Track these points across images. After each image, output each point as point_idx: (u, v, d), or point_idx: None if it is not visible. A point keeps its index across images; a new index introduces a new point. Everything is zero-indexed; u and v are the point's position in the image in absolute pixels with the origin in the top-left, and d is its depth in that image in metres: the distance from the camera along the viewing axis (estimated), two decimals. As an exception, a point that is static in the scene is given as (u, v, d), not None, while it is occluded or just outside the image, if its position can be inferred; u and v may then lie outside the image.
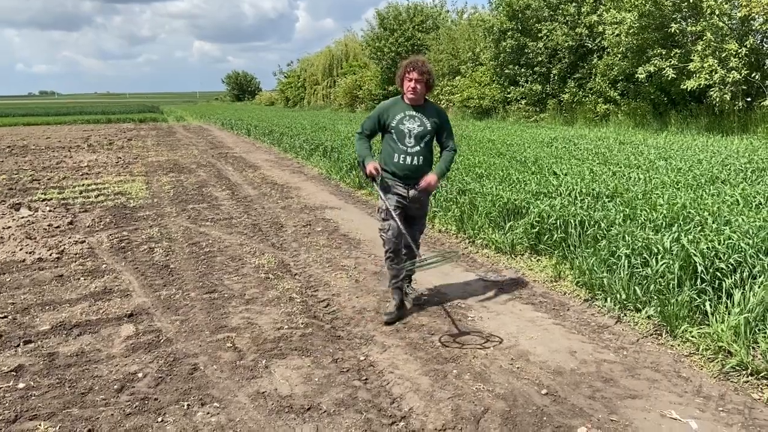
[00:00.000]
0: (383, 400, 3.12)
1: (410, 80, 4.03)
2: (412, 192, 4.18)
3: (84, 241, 6.46)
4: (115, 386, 3.27)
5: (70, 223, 7.38)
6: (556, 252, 5.31)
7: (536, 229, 5.59)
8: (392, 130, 4.12)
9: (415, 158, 4.12)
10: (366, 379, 3.36)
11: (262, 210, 8.23)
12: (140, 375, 3.41)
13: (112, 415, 2.98)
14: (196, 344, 3.82)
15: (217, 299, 4.66)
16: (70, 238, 6.61)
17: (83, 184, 10.57)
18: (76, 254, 5.96)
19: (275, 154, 16.23)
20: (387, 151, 4.19)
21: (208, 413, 2.99)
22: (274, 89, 68.37)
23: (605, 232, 4.93)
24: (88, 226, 7.23)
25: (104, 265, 5.58)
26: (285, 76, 60.24)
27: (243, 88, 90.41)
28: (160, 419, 2.94)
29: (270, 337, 3.91)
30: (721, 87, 13.27)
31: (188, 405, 3.06)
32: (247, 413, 2.99)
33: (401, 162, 4.12)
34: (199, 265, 5.55)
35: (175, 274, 5.31)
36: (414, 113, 4.12)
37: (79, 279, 5.18)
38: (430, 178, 4.16)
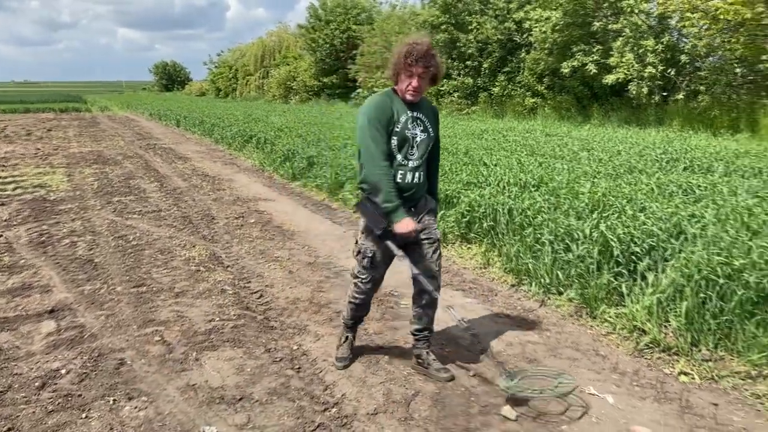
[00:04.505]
0: (316, 387, 3.15)
1: (411, 76, 2.95)
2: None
3: (0, 236, 6.12)
4: (36, 384, 3.14)
5: (-16, 217, 6.97)
6: (485, 240, 5.47)
7: (467, 218, 5.74)
8: (395, 137, 2.99)
9: (416, 174, 3.09)
10: (299, 367, 3.37)
11: (193, 202, 8.04)
12: (63, 372, 3.29)
13: (33, 412, 2.87)
14: (122, 339, 3.71)
15: (145, 293, 4.53)
16: (-17, 233, 6.24)
17: (-2, 177, 9.98)
18: (-10, 250, 5.64)
19: (206, 145, 15.84)
20: None
21: (135, 407, 2.92)
22: (204, 79, 66.50)
23: (531, 220, 5.12)
24: (5, 220, 6.85)
25: (22, 261, 5.31)
26: (216, 66, 58.72)
27: (172, 77, 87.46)
28: (84, 415, 2.85)
29: (201, 330, 3.85)
30: (639, 81, 13.97)
31: (114, 400, 2.99)
32: (176, 406, 2.95)
33: (401, 181, 3.04)
34: (125, 259, 5.37)
35: (99, 268, 5.12)
36: (417, 114, 3.07)
37: (-6, 275, 4.92)
38: (411, 224, 2.99)
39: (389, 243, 3.00)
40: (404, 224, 2.92)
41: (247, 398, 3.02)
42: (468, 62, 20.55)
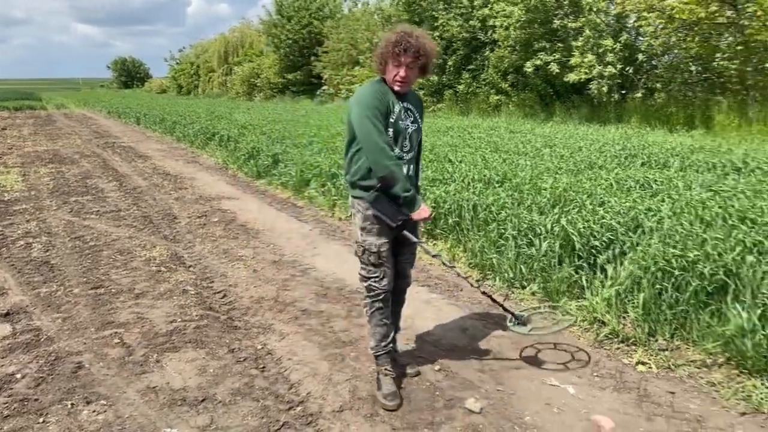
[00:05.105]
0: (281, 386, 3.12)
1: (399, 66, 2.83)
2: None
3: (-51, 239, 5.90)
4: (-10, 389, 3.04)
5: (-67, 219, 6.71)
6: (450, 236, 5.50)
7: (432, 215, 5.76)
8: (390, 129, 2.87)
9: (410, 168, 3.02)
10: (263, 367, 3.33)
11: (154, 201, 7.88)
12: (18, 376, 3.19)
13: (-14, 420, 2.78)
14: (80, 342, 3.62)
15: (103, 295, 4.42)
16: (-68, 235, 6.01)
17: (-52, 177, 9.61)
18: (-61, 253, 5.43)
19: (168, 143, 15.55)
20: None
21: (94, 411, 2.85)
22: (165, 76, 65.20)
23: (495, 216, 5.17)
24: (-46, 222, 6.60)
25: (-26, 264, 5.13)
26: (177, 63, 57.63)
27: (131, 74, 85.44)
28: (41, 420, 2.77)
29: (162, 331, 3.78)
30: (599, 80, 14.24)
31: (72, 404, 2.91)
32: (136, 409, 2.88)
33: None
34: (83, 260, 5.24)
35: (56, 270, 4.97)
36: (407, 105, 2.98)
37: (-57, 279, 4.74)
38: (427, 209, 2.99)
39: (406, 233, 2.98)
40: (423, 210, 2.92)
41: (210, 399, 2.98)
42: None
